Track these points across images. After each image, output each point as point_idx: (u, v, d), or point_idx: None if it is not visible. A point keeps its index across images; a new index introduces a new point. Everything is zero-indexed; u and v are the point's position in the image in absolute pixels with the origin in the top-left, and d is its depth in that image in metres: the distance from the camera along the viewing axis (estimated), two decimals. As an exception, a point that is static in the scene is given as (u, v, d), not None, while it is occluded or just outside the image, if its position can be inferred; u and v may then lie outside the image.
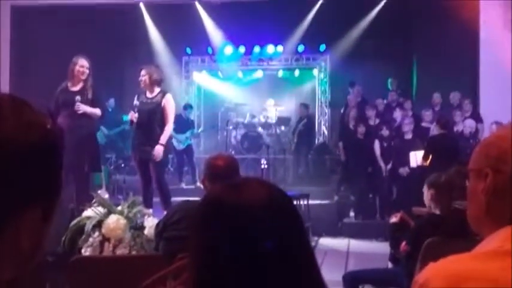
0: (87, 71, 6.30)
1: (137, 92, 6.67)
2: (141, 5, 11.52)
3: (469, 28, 9.83)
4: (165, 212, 5.93)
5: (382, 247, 6.57)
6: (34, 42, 10.24)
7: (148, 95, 6.46)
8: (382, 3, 11.27)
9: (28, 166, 0.78)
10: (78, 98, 6.16)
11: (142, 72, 6.49)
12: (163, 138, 6.32)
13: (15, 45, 10.01)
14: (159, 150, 6.26)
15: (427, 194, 3.94)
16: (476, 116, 9.39)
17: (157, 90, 6.47)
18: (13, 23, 9.88)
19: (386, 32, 11.97)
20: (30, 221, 0.79)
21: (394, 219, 4.35)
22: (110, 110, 11.74)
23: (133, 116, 6.41)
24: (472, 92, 10.01)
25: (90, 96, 6.26)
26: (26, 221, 0.78)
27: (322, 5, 11.29)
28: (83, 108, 6.17)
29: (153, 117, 6.35)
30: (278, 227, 1.10)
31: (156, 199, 6.55)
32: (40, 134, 0.80)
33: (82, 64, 6.28)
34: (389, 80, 11.34)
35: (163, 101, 6.38)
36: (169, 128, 6.45)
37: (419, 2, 10.64)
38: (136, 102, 6.46)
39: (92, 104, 6.27)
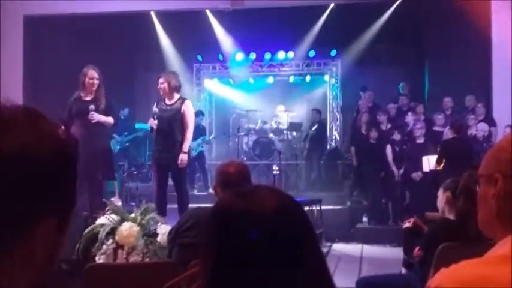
0: (97, 82, 6.33)
1: (153, 99, 6.69)
2: (152, 13, 11.59)
3: (480, 31, 9.77)
4: (180, 219, 5.95)
5: (396, 252, 6.53)
6: (47, 51, 10.34)
7: (168, 101, 6.46)
8: (392, 8, 11.25)
9: (43, 177, 0.78)
10: (91, 107, 6.20)
11: (161, 79, 6.50)
12: (185, 146, 6.31)
13: (28, 55, 10.12)
14: (183, 158, 6.27)
15: (442, 197, 3.90)
16: (489, 120, 9.33)
17: (176, 96, 6.48)
18: (26, 32, 9.98)
19: (397, 37, 11.95)
20: (45, 231, 0.79)
21: (407, 224, 4.33)
22: (122, 118, 11.83)
23: (153, 122, 6.40)
24: (484, 95, 9.94)
25: (103, 105, 6.30)
26: (40, 232, 0.79)
27: (332, 10, 11.28)
28: (97, 117, 6.21)
29: (173, 124, 6.34)
30: (289, 235, 1.11)
31: (170, 206, 6.55)
32: (55, 145, 0.80)
33: (92, 76, 6.32)
34: (401, 85, 11.31)
35: (183, 107, 6.39)
36: (190, 135, 6.43)
37: (430, 6, 10.60)
38: (155, 109, 6.45)
39: (105, 113, 6.31)
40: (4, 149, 0.76)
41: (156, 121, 6.38)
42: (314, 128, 11.46)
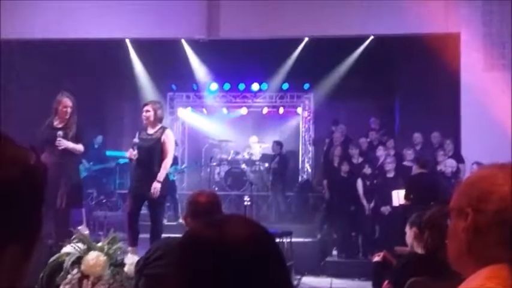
0: (70, 110, 6.27)
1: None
2: (127, 40, 11.59)
3: (450, 69, 10.03)
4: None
5: (365, 286, 6.53)
6: (19, 77, 10.21)
7: (150, 131, 6.37)
8: (365, 44, 11.48)
9: (8, 202, 0.76)
10: (60, 133, 6.12)
11: (148, 107, 6.40)
12: (160, 175, 6.21)
13: (0, 78, 9.98)
14: (156, 186, 6.15)
15: (409, 233, 3.93)
16: (457, 156, 9.49)
17: (158, 126, 6.41)
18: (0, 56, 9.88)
19: (369, 72, 12.16)
20: (9, 259, 0.77)
21: (377, 258, 4.33)
22: (96, 146, 11.69)
23: (132, 154, 6.29)
24: (453, 132, 10.14)
25: (73, 132, 6.22)
26: (5, 260, 0.76)
27: (306, 44, 11.46)
28: (64, 143, 6.12)
29: (153, 154, 6.25)
30: (260, 266, 1.09)
31: (143, 235, 6.42)
32: (22, 170, 0.78)
33: (65, 104, 6.27)
34: (372, 119, 11.47)
35: (163, 137, 6.31)
36: (168, 164, 6.35)
37: (402, 44, 10.85)
38: (135, 139, 6.36)
39: (76, 140, 6.23)
40: None
41: (135, 152, 6.27)
42: (275, 160, 11.45)
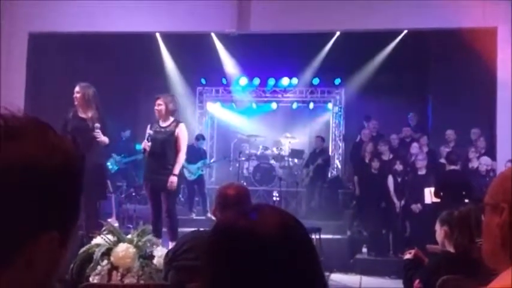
0: (79, 96, 6.33)
1: (151, 120, 6.71)
2: (158, 35, 11.67)
3: (486, 65, 9.80)
4: (171, 242, 5.90)
5: (395, 284, 6.45)
6: (50, 69, 10.37)
7: (162, 123, 6.49)
8: (398, 39, 11.32)
9: (50, 189, 0.77)
10: (96, 125, 6.20)
11: (159, 101, 6.52)
12: (176, 169, 6.33)
13: (31, 73, 10.14)
14: (173, 180, 6.28)
15: (439, 231, 3.86)
16: (492, 154, 9.31)
17: (171, 119, 6.51)
18: (30, 50, 10.03)
19: (402, 67, 12.00)
20: (47, 246, 0.77)
21: (408, 255, 4.26)
22: (123, 139, 11.81)
23: (146, 144, 6.43)
24: (488, 129, 9.93)
25: (99, 124, 6.28)
26: (42, 245, 0.77)
27: (338, 38, 11.35)
28: (101, 136, 6.20)
29: (166, 147, 6.37)
30: (291, 255, 1.08)
31: (165, 229, 6.50)
32: (63, 158, 0.80)
33: (74, 91, 6.36)
34: (410, 114, 11.31)
35: (177, 130, 6.42)
36: (182, 158, 6.47)
37: (436, 38, 10.67)
38: (149, 131, 6.48)
39: (101, 132, 6.29)
40: (13, 159, 0.75)
41: (149, 143, 6.39)
42: (319, 155, 11.44)
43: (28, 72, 10.02)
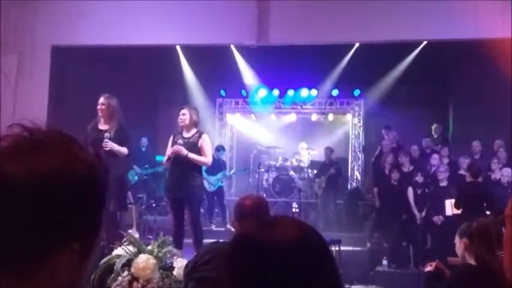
0: (103, 107, 6.39)
1: (172, 132, 6.75)
2: (178, 47, 11.77)
3: (505, 76, 9.71)
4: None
5: (416, 297, 6.37)
6: (73, 82, 10.51)
7: (185, 134, 6.51)
8: (418, 50, 11.27)
9: (74, 200, 0.79)
10: (107, 134, 6.25)
11: (184, 111, 6.56)
12: (191, 156, 6.30)
13: (54, 85, 10.29)
14: (180, 148, 6.27)
15: (459, 244, 3.82)
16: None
17: (194, 130, 6.53)
18: (53, 62, 10.19)
19: (421, 78, 11.92)
20: (70, 257, 0.79)
21: (429, 268, 4.23)
22: (143, 149, 11.89)
23: (174, 150, 6.36)
24: (509, 140, 9.81)
25: (118, 134, 6.33)
26: (65, 257, 0.78)
27: (357, 50, 11.33)
28: (111, 145, 6.21)
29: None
30: (310, 267, 1.08)
31: (187, 240, 6.51)
32: (87, 170, 0.81)
33: (99, 102, 6.43)
34: (434, 126, 11.22)
35: (200, 141, 6.44)
36: (204, 160, 6.46)
37: (456, 49, 10.59)
38: (177, 140, 6.46)
39: (120, 143, 6.32)
40: (37, 170, 0.76)
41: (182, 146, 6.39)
42: (330, 165, 11.38)
43: (51, 84, 10.18)
